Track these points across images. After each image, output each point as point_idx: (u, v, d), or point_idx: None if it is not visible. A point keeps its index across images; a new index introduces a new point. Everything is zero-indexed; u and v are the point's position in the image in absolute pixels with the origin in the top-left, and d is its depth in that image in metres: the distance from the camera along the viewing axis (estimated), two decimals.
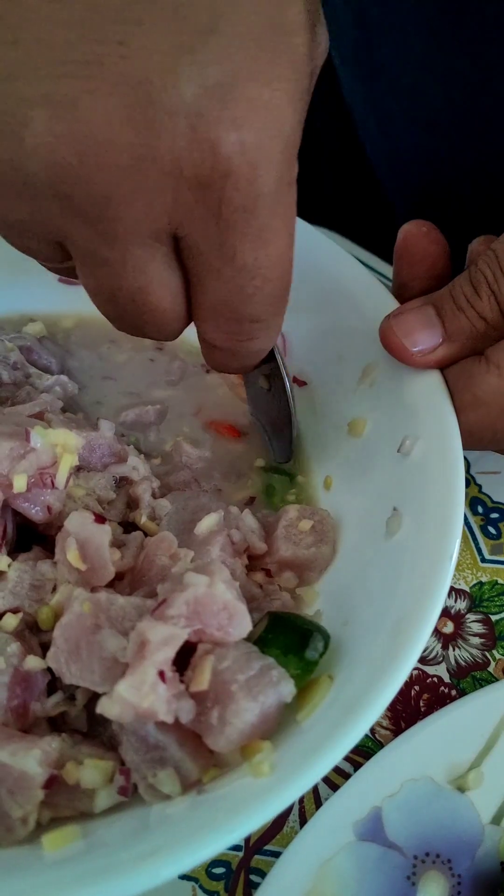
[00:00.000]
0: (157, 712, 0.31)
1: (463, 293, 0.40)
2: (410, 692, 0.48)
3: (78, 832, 0.31)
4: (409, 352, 0.41)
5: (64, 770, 0.33)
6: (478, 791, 0.44)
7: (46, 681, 0.36)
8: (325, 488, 0.48)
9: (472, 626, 0.51)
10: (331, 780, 0.45)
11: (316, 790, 0.45)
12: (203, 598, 0.33)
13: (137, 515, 0.43)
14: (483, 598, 0.52)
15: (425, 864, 0.42)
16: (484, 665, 0.50)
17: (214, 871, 0.42)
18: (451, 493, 0.38)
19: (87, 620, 0.34)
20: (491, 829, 0.43)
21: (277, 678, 0.33)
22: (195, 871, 0.42)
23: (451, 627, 0.51)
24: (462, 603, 0.52)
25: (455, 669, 0.49)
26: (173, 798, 0.32)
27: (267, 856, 0.43)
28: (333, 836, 0.42)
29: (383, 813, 0.42)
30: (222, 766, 0.33)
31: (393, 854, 0.42)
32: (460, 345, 0.41)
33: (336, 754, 0.31)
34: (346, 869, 0.41)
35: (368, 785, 0.43)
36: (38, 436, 0.38)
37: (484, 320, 0.40)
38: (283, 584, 0.43)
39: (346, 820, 0.42)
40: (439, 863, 0.42)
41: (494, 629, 0.51)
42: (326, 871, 0.41)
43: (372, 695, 0.32)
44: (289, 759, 0.31)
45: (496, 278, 0.39)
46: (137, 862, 0.28)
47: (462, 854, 0.42)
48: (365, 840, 0.42)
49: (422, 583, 0.36)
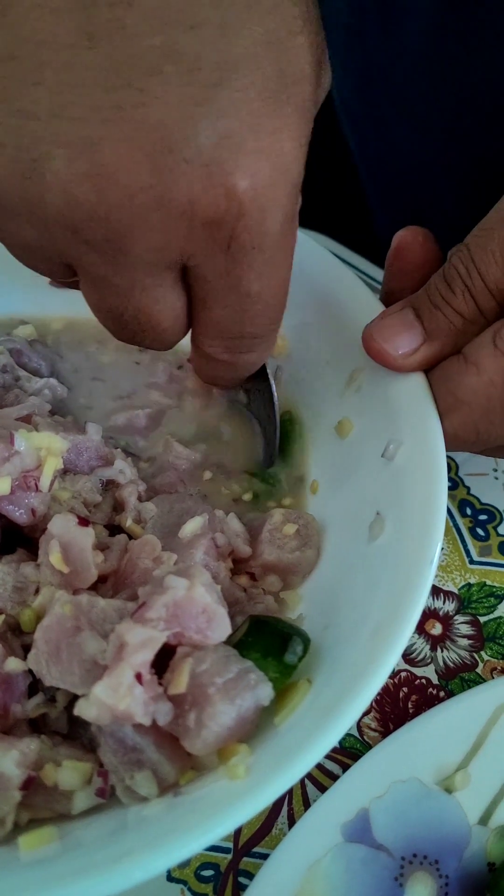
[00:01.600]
0: (134, 714, 0.31)
1: (438, 291, 0.41)
2: (399, 693, 0.48)
3: (55, 833, 0.32)
4: (390, 356, 0.42)
5: (42, 771, 0.33)
6: (465, 792, 0.44)
7: (27, 683, 0.36)
8: (311, 492, 0.48)
9: (461, 627, 0.51)
10: (318, 782, 0.45)
11: (304, 792, 0.45)
12: (182, 601, 0.34)
13: (123, 518, 0.43)
14: (471, 599, 0.52)
15: (413, 865, 0.42)
16: (472, 666, 0.50)
17: (203, 873, 0.42)
18: (433, 498, 0.38)
19: (67, 622, 0.34)
20: (478, 829, 0.43)
21: (255, 682, 0.33)
22: (184, 873, 0.42)
23: (440, 629, 0.51)
24: (450, 605, 0.52)
25: (443, 671, 0.49)
26: (150, 800, 0.32)
27: (255, 858, 0.43)
28: (321, 837, 0.42)
29: (371, 814, 0.42)
30: (200, 768, 0.33)
31: (380, 855, 0.42)
32: (441, 343, 0.41)
33: (312, 758, 0.31)
34: (333, 870, 0.41)
35: (356, 786, 0.43)
36: (22, 439, 0.38)
37: (461, 316, 0.40)
38: (267, 588, 0.43)
39: (333, 821, 0.42)
40: (427, 864, 0.42)
41: (482, 630, 0.51)
42: (314, 873, 0.41)
43: (349, 699, 0.32)
44: (265, 761, 0.31)
45: (469, 273, 0.39)
46: (112, 863, 0.28)
47: (449, 855, 0.42)
48: (352, 841, 0.42)
49: (402, 587, 0.36)
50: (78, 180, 0.31)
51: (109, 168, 0.31)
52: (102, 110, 0.30)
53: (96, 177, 0.31)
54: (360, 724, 0.47)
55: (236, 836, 0.43)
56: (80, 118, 0.30)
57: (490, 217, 0.40)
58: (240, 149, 0.31)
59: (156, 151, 0.31)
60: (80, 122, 0.30)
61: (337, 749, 0.46)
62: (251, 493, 0.49)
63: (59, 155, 0.31)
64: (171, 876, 0.42)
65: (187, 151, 0.31)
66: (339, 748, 0.46)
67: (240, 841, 0.43)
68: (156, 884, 0.41)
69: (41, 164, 0.31)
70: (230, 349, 0.40)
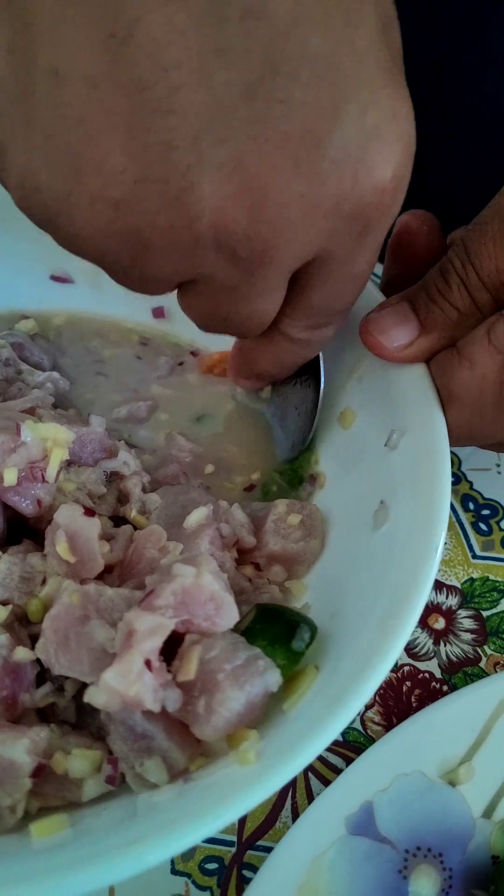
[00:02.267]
0: (144, 701, 0.31)
1: (434, 285, 0.41)
2: (402, 688, 0.49)
3: (66, 820, 0.32)
4: (386, 348, 0.42)
5: (52, 760, 0.33)
6: (469, 785, 0.44)
7: (35, 672, 0.36)
8: (318, 486, 0.48)
9: (464, 622, 0.51)
10: (322, 775, 0.45)
11: (308, 785, 0.45)
12: (190, 589, 0.34)
13: (127, 510, 0.43)
14: (474, 594, 0.52)
15: (417, 858, 0.42)
16: (475, 661, 0.50)
17: (207, 866, 0.42)
18: (437, 486, 0.38)
19: (75, 611, 0.34)
20: (482, 822, 0.43)
21: (264, 668, 0.33)
22: (188, 866, 0.42)
23: (443, 623, 0.51)
24: (453, 599, 0.52)
25: (447, 665, 0.50)
26: (160, 787, 0.32)
27: (259, 851, 0.43)
28: (325, 830, 0.42)
29: (375, 807, 0.43)
30: (209, 755, 0.33)
31: (384, 848, 0.42)
32: (436, 337, 0.42)
33: (321, 743, 0.31)
34: (338, 863, 0.41)
35: (360, 779, 0.43)
36: (28, 430, 0.38)
37: (456, 309, 0.40)
38: (272, 578, 0.43)
39: (337, 814, 0.42)
40: (430, 856, 0.42)
41: (486, 625, 0.51)
42: (318, 866, 0.41)
43: (357, 685, 0.32)
44: (274, 747, 0.32)
45: (464, 266, 0.40)
46: (123, 848, 0.28)
47: (453, 848, 0.43)
48: (356, 834, 0.42)
49: (408, 575, 0.36)
50: (229, 203, 0.30)
51: (259, 185, 0.30)
52: (244, 127, 0.29)
53: (247, 196, 0.30)
54: (363, 717, 0.47)
55: (240, 829, 0.43)
56: (222, 139, 0.29)
57: (485, 212, 0.40)
58: (382, 140, 0.31)
59: (304, 160, 0.30)
60: (223, 143, 0.29)
61: (340, 742, 0.47)
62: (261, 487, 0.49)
63: (207, 180, 0.30)
64: (176, 869, 0.42)
65: (334, 153, 0.30)
66: (343, 741, 0.47)
67: (244, 834, 0.43)
68: (161, 877, 0.42)
69: (189, 194, 0.30)
70: (312, 327, 0.40)
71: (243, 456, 0.50)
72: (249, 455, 0.50)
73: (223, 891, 0.42)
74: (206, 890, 0.42)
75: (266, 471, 0.50)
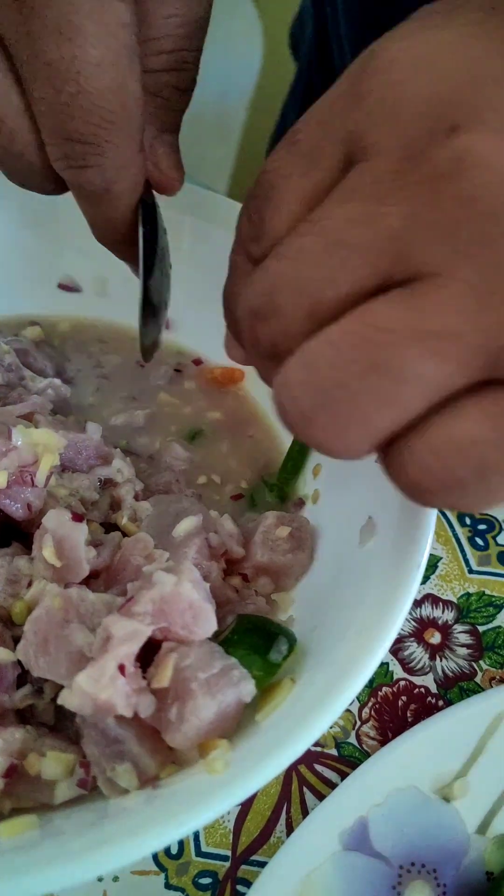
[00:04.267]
0: (116, 705, 0.31)
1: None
2: (398, 702, 0.48)
3: (35, 821, 0.32)
4: None
5: (26, 761, 0.33)
6: (463, 801, 0.44)
7: (16, 674, 0.36)
8: (312, 502, 0.48)
9: (460, 636, 0.51)
10: (317, 790, 0.45)
11: (302, 799, 0.45)
12: (169, 597, 0.34)
13: (119, 517, 0.44)
14: (470, 608, 0.52)
15: (411, 874, 0.42)
16: (471, 675, 0.50)
17: (201, 881, 0.42)
18: None
19: (56, 615, 0.35)
20: (476, 838, 0.43)
21: (238, 678, 0.34)
22: (182, 881, 0.42)
23: (439, 638, 0.51)
24: (449, 614, 0.52)
25: (442, 680, 0.50)
26: (130, 792, 0.33)
27: (254, 866, 0.43)
28: (319, 845, 0.42)
29: (369, 822, 0.42)
30: (181, 763, 0.34)
31: (378, 864, 0.42)
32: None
33: (290, 754, 0.31)
34: (331, 878, 0.41)
35: (354, 794, 0.43)
36: (19, 434, 0.39)
37: None
38: (260, 590, 0.43)
39: (332, 830, 0.42)
40: (424, 872, 0.42)
41: (481, 640, 0.51)
42: (312, 881, 0.41)
43: (330, 698, 0.32)
44: (244, 757, 0.32)
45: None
46: (88, 850, 0.29)
47: (447, 864, 0.42)
48: (351, 850, 0.42)
49: (387, 591, 0.36)
50: None
51: None
52: None
53: None
54: (358, 732, 0.47)
55: (234, 844, 0.43)
56: None
57: None
58: None
59: None
60: None
61: (335, 757, 0.47)
62: (249, 496, 0.49)
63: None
64: (170, 883, 0.42)
65: None
66: (338, 756, 0.47)
67: (238, 849, 0.43)
68: (154, 891, 0.42)
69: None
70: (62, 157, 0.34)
71: (233, 465, 0.51)
72: (239, 464, 0.51)
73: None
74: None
75: (254, 480, 0.50)
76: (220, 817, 0.44)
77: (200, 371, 0.55)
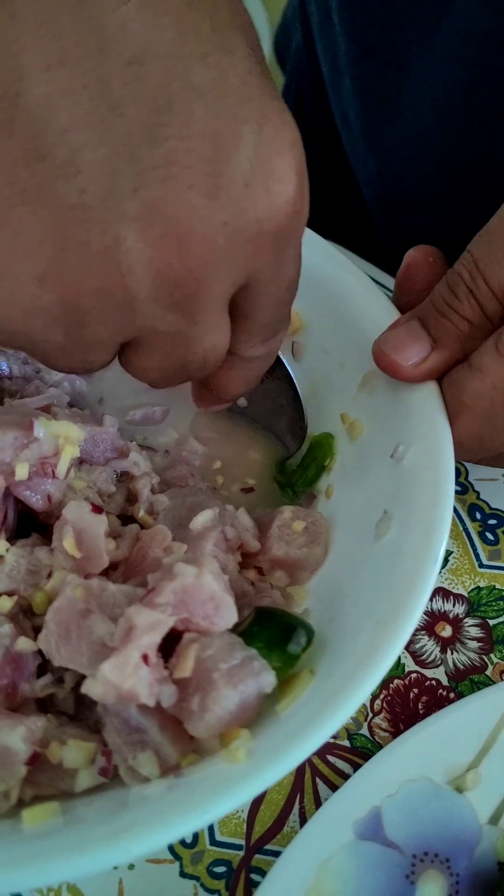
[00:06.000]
0: (139, 695, 0.32)
1: (443, 298, 0.41)
2: (409, 695, 0.49)
3: (57, 808, 0.32)
4: (401, 367, 0.42)
5: (48, 749, 0.34)
6: (476, 791, 0.44)
7: (37, 663, 0.37)
8: (326, 497, 0.48)
9: (471, 630, 0.52)
10: (330, 781, 0.46)
11: (316, 790, 0.45)
12: (191, 588, 0.34)
13: (136, 509, 0.44)
14: (481, 602, 0.53)
15: (424, 864, 0.42)
16: (482, 668, 0.51)
17: (215, 870, 0.43)
18: (439, 497, 0.39)
19: (78, 605, 0.35)
20: (489, 829, 0.44)
21: (259, 669, 0.34)
22: (196, 869, 0.42)
23: (450, 631, 0.52)
24: (460, 607, 0.53)
25: (453, 673, 0.50)
26: (152, 780, 0.33)
27: (268, 855, 0.43)
28: (333, 835, 0.42)
29: (383, 812, 0.43)
30: (202, 752, 0.34)
31: (392, 853, 0.42)
32: (449, 351, 0.41)
33: (311, 744, 0.31)
34: (345, 867, 0.41)
35: (368, 785, 0.44)
36: (41, 426, 0.39)
37: (467, 321, 0.40)
38: (275, 583, 0.44)
39: (346, 819, 0.42)
40: (437, 862, 0.43)
41: (492, 633, 0.52)
42: (326, 870, 0.41)
43: (349, 689, 0.33)
44: (265, 747, 0.32)
45: (473, 277, 0.39)
46: (111, 838, 0.29)
47: (460, 854, 0.43)
48: (364, 839, 0.42)
49: (406, 584, 0.36)
50: (156, 249, 0.30)
51: (183, 223, 0.30)
52: (152, 172, 0.29)
53: (173, 239, 0.30)
54: (370, 724, 0.48)
55: (248, 833, 0.44)
56: (134, 188, 0.29)
57: (492, 223, 0.40)
58: (281, 151, 0.31)
59: (219, 188, 0.30)
60: (136, 190, 0.29)
61: (348, 749, 0.47)
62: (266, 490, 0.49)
63: (129, 233, 0.29)
64: (185, 872, 0.42)
65: (244, 174, 0.30)
66: (351, 748, 0.47)
67: (252, 838, 0.44)
68: (169, 880, 0.42)
69: (114, 251, 0.30)
70: (265, 340, 0.39)
71: (244, 458, 0.51)
72: (248, 458, 0.51)
73: (231, 894, 0.42)
74: (214, 893, 0.42)
75: (263, 474, 0.50)
76: None
77: None
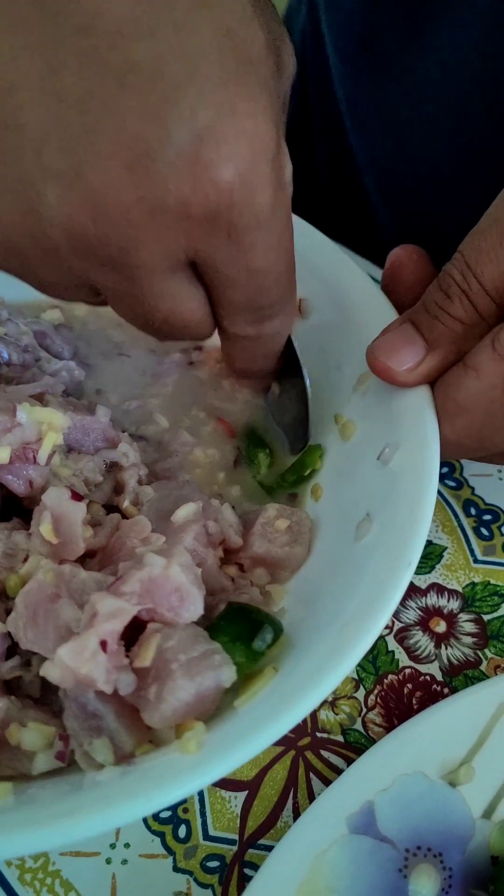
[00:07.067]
0: (96, 680, 0.32)
1: (434, 300, 0.41)
2: (403, 690, 0.49)
3: (10, 789, 0.33)
4: (396, 372, 0.42)
5: (8, 730, 0.34)
6: (469, 786, 0.44)
7: (6, 645, 0.37)
8: (314, 498, 0.48)
9: (465, 625, 0.52)
10: (323, 776, 0.46)
11: (309, 785, 0.45)
12: (157, 579, 0.34)
13: (121, 500, 0.44)
14: (475, 598, 0.53)
15: (417, 858, 0.42)
16: (476, 664, 0.50)
17: (209, 864, 0.43)
18: (419, 502, 0.38)
19: (47, 589, 0.35)
20: (482, 823, 0.43)
21: (219, 663, 0.34)
22: (190, 864, 0.42)
23: (444, 627, 0.52)
24: (455, 603, 0.53)
25: (447, 668, 0.50)
26: (106, 767, 0.33)
27: (261, 849, 0.43)
28: (327, 829, 0.42)
29: (376, 807, 0.43)
30: (157, 743, 0.34)
31: (385, 847, 0.42)
32: (444, 352, 0.41)
33: (264, 740, 0.31)
34: (339, 861, 0.41)
35: (361, 779, 0.43)
36: (23, 412, 0.40)
37: (460, 322, 0.40)
38: (255, 580, 0.44)
39: (339, 813, 0.42)
40: (430, 856, 0.42)
41: (486, 629, 0.52)
42: (320, 864, 0.41)
43: (308, 688, 0.33)
44: (218, 740, 0.32)
45: (465, 277, 0.39)
46: (56, 819, 0.29)
47: (453, 848, 0.43)
48: (358, 833, 0.42)
49: (377, 587, 0.36)
50: (73, 210, 0.32)
51: (99, 191, 0.32)
52: (80, 136, 0.31)
53: (89, 203, 0.32)
54: (364, 719, 0.48)
55: (242, 828, 0.44)
56: (61, 149, 0.32)
57: (482, 222, 0.40)
58: (217, 139, 0.32)
59: (138, 164, 0.31)
60: (62, 152, 0.32)
61: (341, 744, 0.47)
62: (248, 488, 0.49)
63: (51, 190, 0.32)
64: (178, 866, 0.42)
65: (168, 156, 0.31)
66: (344, 742, 0.47)
67: (245, 833, 0.44)
68: (163, 874, 0.42)
69: (37, 204, 0.33)
70: (254, 321, 0.41)
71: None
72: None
73: (224, 889, 0.42)
74: (207, 888, 0.42)
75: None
76: (228, 801, 0.44)
77: (208, 355, 0.55)
